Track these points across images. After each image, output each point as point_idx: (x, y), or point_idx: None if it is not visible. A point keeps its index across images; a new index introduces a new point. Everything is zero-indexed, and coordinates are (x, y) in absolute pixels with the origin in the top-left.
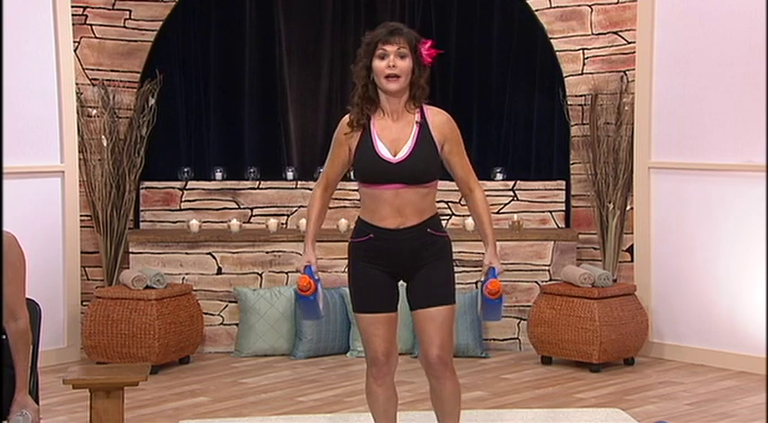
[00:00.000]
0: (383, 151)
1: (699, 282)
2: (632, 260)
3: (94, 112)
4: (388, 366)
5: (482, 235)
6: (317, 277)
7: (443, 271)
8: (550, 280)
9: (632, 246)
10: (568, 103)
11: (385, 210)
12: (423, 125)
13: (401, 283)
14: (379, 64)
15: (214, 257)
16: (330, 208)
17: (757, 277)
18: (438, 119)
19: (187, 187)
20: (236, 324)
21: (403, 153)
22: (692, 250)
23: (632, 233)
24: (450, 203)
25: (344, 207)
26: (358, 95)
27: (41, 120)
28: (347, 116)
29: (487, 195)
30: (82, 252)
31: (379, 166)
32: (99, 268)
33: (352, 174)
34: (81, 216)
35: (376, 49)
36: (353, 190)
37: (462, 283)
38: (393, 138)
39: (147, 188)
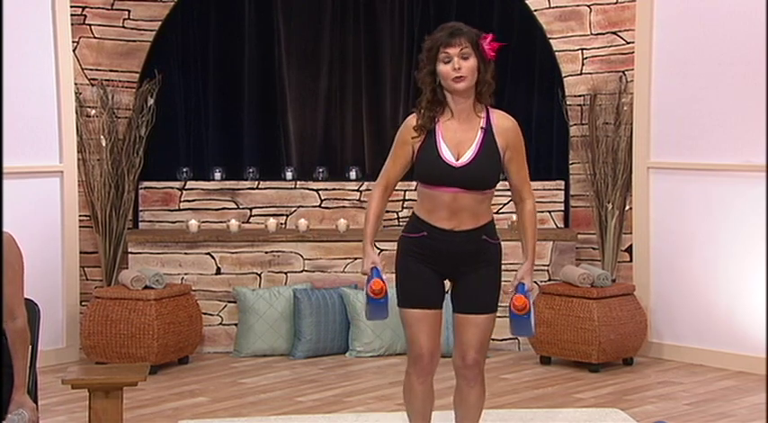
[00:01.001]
0: (446, 154)
1: (698, 282)
2: (631, 260)
3: (93, 112)
4: (432, 364)
5: (523, 248)
6: (384, 277)
7: (491, 278)
8: (549, 280)
9: (631, 246)
10: (567, 103)
11: (442, 211)
12: (488, 131)
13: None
14: (443, 68)
15: (213, 257)
16: (329, 208)
17: (756, 277)
18: (503, 124)
19: (186, 187)
20: (236, 324)
21: (466, 158)
22: (691, 250)
23: (631, 233)
24: None
25: (344, 207)
26: (426, 100)
27: (40, 120)
28: (413, 117)
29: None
30: (81, 252)
31: (441, 169)
32: (98, 268)
33: (349, 172)
34: (80, 216)
35: (438, 54)
36: (352, 190)
37: None
38: (457, 140)
39: (146, 188)
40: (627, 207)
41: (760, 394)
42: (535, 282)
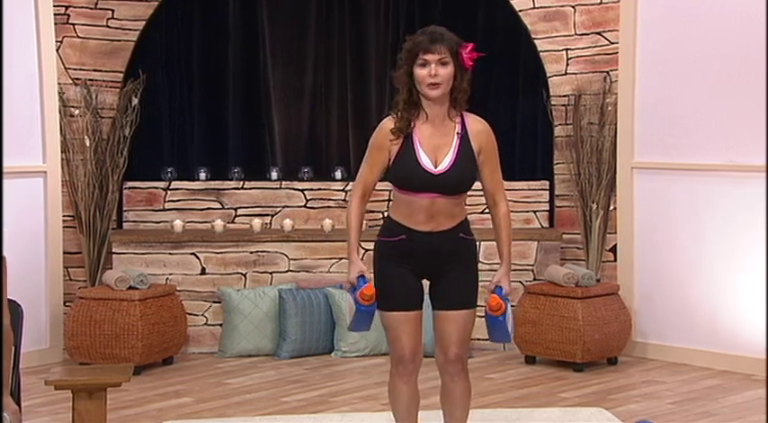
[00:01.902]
0: (425, 161)
1: (682, 281)
2: (615, 260)
3: (77, 111)
4: (414, 364)
5: (499, 252)
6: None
7: (469, 275)
8: (534, 280)
9: (615, 245)
10: (552, 103)
11: (419, 215)
12: (463, 136)
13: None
14: (420, 72)
15: (198, 258)
16: (314, 208)
17: (739, 277)
18: (477, 128)
19: (171, 187)
20: (220, 324)
21: (444, 165)
22: (675, 250)
23: (615, 233)
24: None
25: (329, 207)
26: (403, 100)
27: (23, 120)
28: (389, 120)
29: (471, 195)
30: (64, 252)
31: (420, 176)
32: (82, 269)
33: (334, 172)
34: (64, 216)
35: (417, 58)
36: (337, 190)
37: None
38: (434, 146)
39: (130, 188)
40: (611, 207)
41: (743, 393)
42: (520, 282)
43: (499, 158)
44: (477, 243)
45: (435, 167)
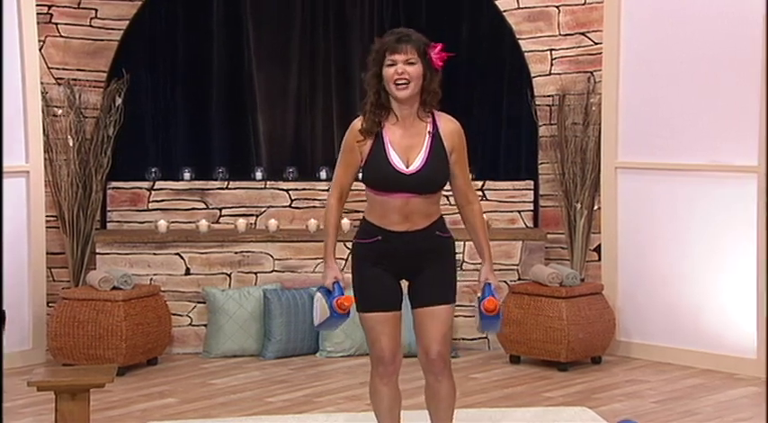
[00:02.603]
0: (396, 162)
1: (665, 281)
2: (599, 259)
3: (60, 111)
4: (395, 365)
5: (478, 250)
6: (345, 293)
7: (447, 270)
8: (519, 279)
9: (599, 245)
10: (536, 103)
11: (394, 216)
12: (435, 135)
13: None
14: (387, 71)
15: (182, 258)
16: (298, 208)
17: (722, 276)
18: (448, 127)
19: (155, 187)
20: (205, 325)
21: (416, 165)
22: (659, 249)
23: (599, 233)
24: None
25: (314, 207)
26: (370, 102)
27: (6, 119)
28: (358, 121)
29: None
30: (47, 253)
31: (391, 176)
32: (65, 269)
33: (319, 172)
34: (47, 216)
35: (384, 59)
36: (322, 190)
37: None
38: (405, 146)
39: (114, 188)
40: (595, 207)
41: (726, 392)
42: (505, 281)
43: (468, 158)
44: (461, 243)
45: (407, 167)
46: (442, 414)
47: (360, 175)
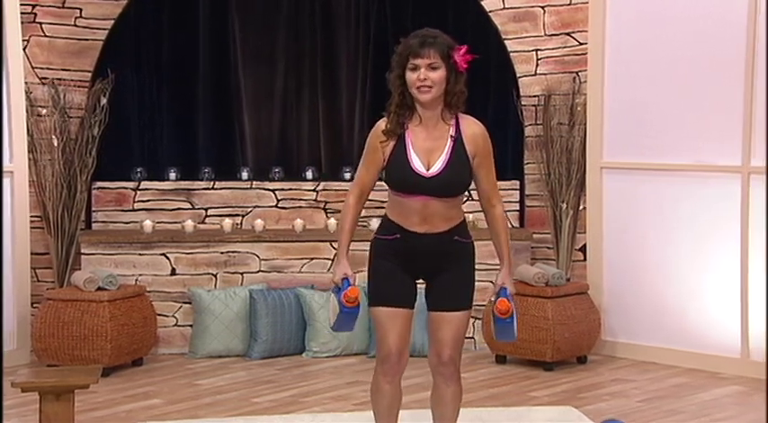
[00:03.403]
0: (417, 164)
1: (650, 280)
2: (585, 259)
3: (44, 111)
4: (400, 364)
5: (498, 253)
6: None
7: (465, 276)
8: None
9: (585, 245)
10: (522, 103)
11: (413, 217)
12: (457, 139)
13: (420, 281)
14: (410, 75)
15: (168, 258)
16: (285, 208)
17: (707, 276)
18: (472, 131)
19: (140, 187)
20: (191, 325)
21: (436, 168)
22: (644, 249)
23: (585, 232)
24: None
25: (300, 207)
26: (395, 104)
27: None
28: (382, 122)
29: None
30: (32, 253)
31: (412, 179)
32: (49, 270)
33: (305, 173)
34: (31, 217)
35: (407, 62)
36: (309, 190)
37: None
38: (427, 149)
39: (99, 188)
40: (581, 207)
41: (710, 391)
42: (491, 281)
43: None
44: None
45: (427, 170)
46: (447, 417)
47: (382, 175)
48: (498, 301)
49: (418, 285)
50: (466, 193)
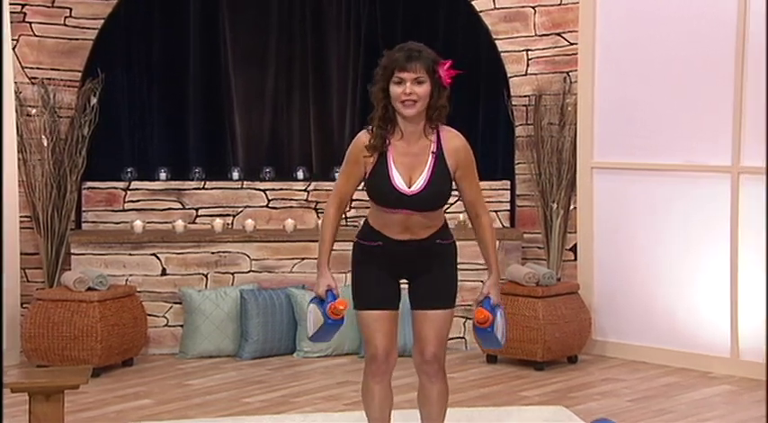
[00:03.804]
0: (398, 182)
1: (640, 280)
2: (576, 259)
3: (34, 111)
4: (388, 364)
5: (487, 262)
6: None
7: (447, 275)
8: None
9: (575, 245)
10: (513, 103)
11: (395, 227)
12: (438, 155)
13: (403, 281)
14: (395, 89)
15: (158, 258)
16: (276, 208)
17: (697, 276)
18: (453, 144)
19: (131, 187)
20: (181, 325)
21: (418, 186)
22: (634, 249)
23: (575, 232)
24: None
25: (291, 207)
26: (378, 117)
27: None
28: (364, 135)
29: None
30: (21, 253)
31: (393, 196)
32: (39, 270)
33: (296, 173)
34: (21, 217)
35: (392, 75)
36: (299, 190)
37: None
38: (409, 164)
39: (89, 188)
40: (571, 206)
41: (700, 390)
42: (481, 281)
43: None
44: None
45: (409, 188)
46: (433, 416)
47: (362, 186)
48: (476, 311)
49: (402, 285)
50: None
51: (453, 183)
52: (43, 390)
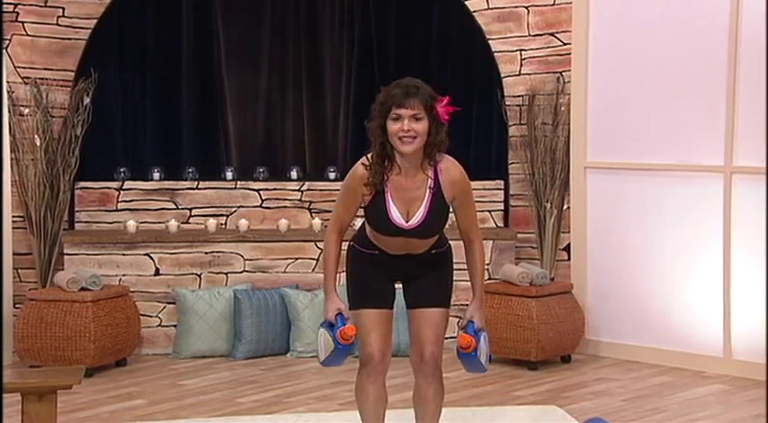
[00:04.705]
0: (396, 217)
1: (634, 280)
2: (569, 259)
3: (27, 111)
4: (383, 365)
5: (472, 286)
6: (348, 323)
7: (443, 275)
8: (489, 279)
9: (569, 245)
10: (506, 103)
11: (392, 246)
12: (436, 191)
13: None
14: (393, 125)
15: (152, 258)
16: (269, 208)
17: (691, 275)
18: (450, 177)
19: (124, 187)
20: (175, 325)
21: (416, 220)
22: (628, 249)
23: (569, 232)
24: None
25: (285, 207)
26: (376, 153)
27: None
28: (362, 170)
29: None
30: (14, 253)
31: (391, 228)
32: (32, 270)
33: (290, 172)
34: (13, 217)
35: (390, 112)
36: (293, 190)
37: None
38: (407, 199)
39: (82, 188)
40: (565, 206)
41: (694, 390)
42: None
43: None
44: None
45: (406, 222)
46: (428, 416)
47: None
48: (460, 336)
49: (396, 287)
50: None
51: (450, 210)
52: (36, 390)
